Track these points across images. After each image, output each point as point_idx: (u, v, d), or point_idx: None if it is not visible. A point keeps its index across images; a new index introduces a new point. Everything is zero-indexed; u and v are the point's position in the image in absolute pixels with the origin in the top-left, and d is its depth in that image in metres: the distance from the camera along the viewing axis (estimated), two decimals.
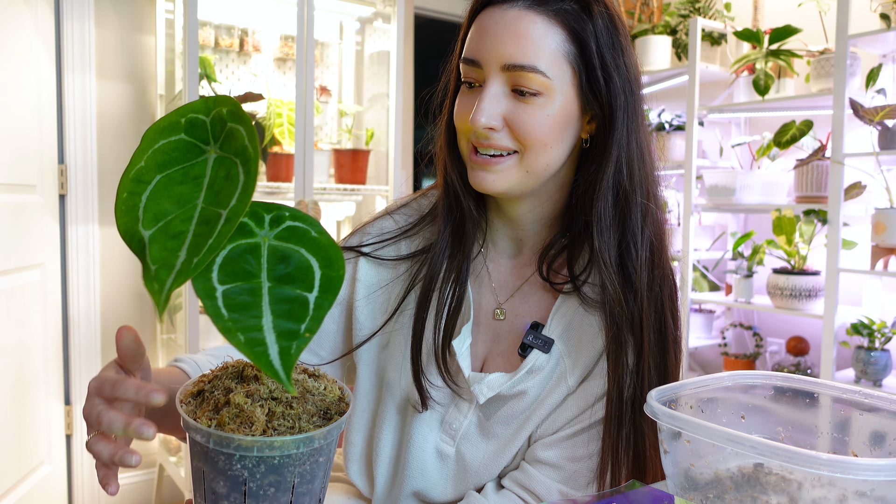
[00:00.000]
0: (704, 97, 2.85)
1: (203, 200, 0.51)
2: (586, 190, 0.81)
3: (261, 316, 0.49)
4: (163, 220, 0.51)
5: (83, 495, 2.32)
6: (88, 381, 2.27)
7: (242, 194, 0.51)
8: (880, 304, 2.36)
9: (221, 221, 0.49)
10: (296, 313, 0.50)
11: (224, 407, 0.56)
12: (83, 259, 2.27)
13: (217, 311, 0.49)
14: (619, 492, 0.68)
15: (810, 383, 0.71)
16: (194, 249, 0.49)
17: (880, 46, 2.25)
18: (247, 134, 0.53)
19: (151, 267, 0.48)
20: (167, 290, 0.47)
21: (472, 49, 0.78)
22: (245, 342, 0.47)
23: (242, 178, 0.51)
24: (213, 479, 0.56)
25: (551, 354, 0.83)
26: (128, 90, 2.36)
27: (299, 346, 0.49)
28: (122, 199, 0.52)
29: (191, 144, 0.54)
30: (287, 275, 0.52)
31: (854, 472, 0.50)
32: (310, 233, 0.55)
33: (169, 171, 0.53)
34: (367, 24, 2.71)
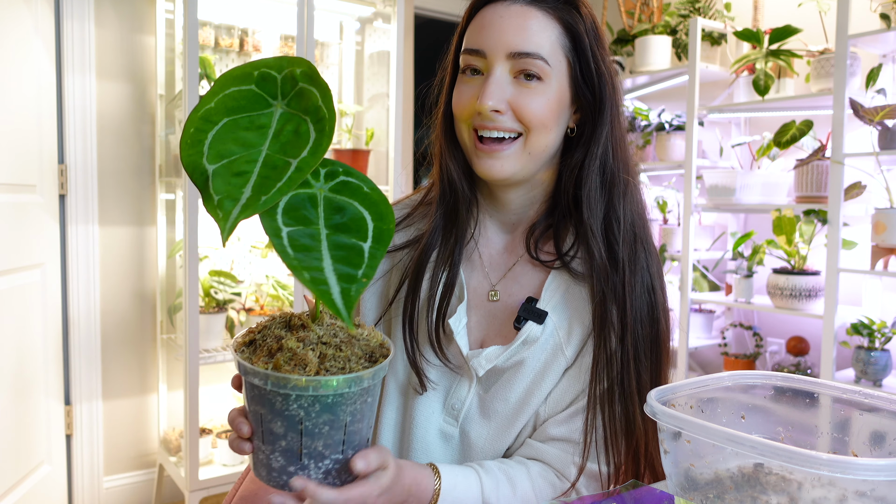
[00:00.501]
0: (704, 97, 2.85)
1: (269, 148, 0.54)
2: (575, 172, 0.89)
3: (321, 259, 0.52)
4: (227, 158, 0.53)
5: (83, 495, 2.32)
6: (89, 380, 2.28)
7: (314, 148, 0.54)
8: (880, 304, 2.36)
9: (291, 169, 0.52)
10: (353, 259, 0.53)
11: (278, 352, 0.61)
12: (83, 259, 2.27)
13: (283, 250, 0.52)
14: (620, 492, 0.68)
15: (810, 383, 0.71)
16: (260, 188, 0.51)
17: (880, 46, 2.25)
18: (321, 96, 0.56)
19: (215, 196, 0.51)
20: (234, 218, 0.50)
21: (476, 40, 0.85)
22: (310, 280, 0.51)
23: (314, 134, 0.54)
24: (271, 420, 0.60)
25: (545, 325, 0.87)
26: (128, 90, 2.36)
27: (358, 290, 0.52)
28: (188, 134, 0.54)
29: (259, 97, 0.57)
30: (343, 224, 0.56)
31: (854, 472, 0.50)
32: (362, 188, 0.59)
33: (236, 117, 0.56)
34: (367, 24, 2.71)
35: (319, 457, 0.61)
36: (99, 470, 2.35)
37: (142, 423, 2.45)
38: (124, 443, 2.42)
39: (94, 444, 2.34)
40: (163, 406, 2.45)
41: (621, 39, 3.01)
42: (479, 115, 0.85)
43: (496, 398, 0.88)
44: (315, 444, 0.61)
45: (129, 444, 2.43)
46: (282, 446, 0.61)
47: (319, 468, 0.62)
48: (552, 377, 0.87)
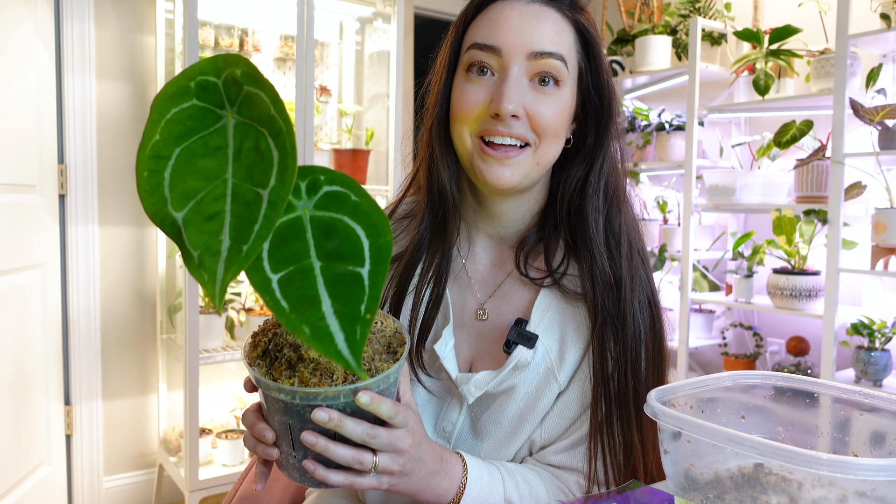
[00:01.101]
0: (704, 97, 2.85)
1: (233, 175, 0.48)
2: (576, 186, 0.85)
3: (319, 301, 0.48)
4: (193, 199, 0.47)
5: (83, 495, 2.32)
6: (89, 380, 2.28)
7: (281, 173, 0.46)
8: (880, 304, 2.36)
9: (264, 205, 0.46)
10: (353, 293, 0.49)
11: (299, 363, 0.59)
12: (83, 259, 2.27)
13: (277, 305, 0.47)
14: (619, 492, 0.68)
15: (810, 383, 0.71)
16: (239, 234, 0.45)
17: (880, 46, 2.25)
18: (270, 101, 0.48)
19: (193, 253, 0.45)
20: (221, 283, 0.44)
21: (491, 35, 0.79)
22: (311, 335, 0.46)
23: (277, 153, 0.47)
24: (302, 429, 0.60)
25: (536, 349, 0.83)
26: (128, 90, 2.36)
27: (363, 331, 0.47)
28: (143, 179, 0.47)
29: (205, 110, 0.50)
30: (335, 250, 0.50)
31: (854, 472, 0.50)
32: (349, 197, 0.53)
33: (187, 143, 0.49)
34: (367, 24, 2.70)
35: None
36: (99, 470, 2.35)
37: (142, 423, 2.45)
38: (124, 443, 2.42)
39: (94, 444, 2.34)
40: (163, 406, 2.45)
41: (621, 39, 3.01)
42: (491, 120, 0.79)
43: (488, 421, 0.84)
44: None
45: (129, 444, 2.43)
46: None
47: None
48: (545, 401, 0.83)
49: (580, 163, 0.86)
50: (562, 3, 0.82)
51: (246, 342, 0.64)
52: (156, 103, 0.49)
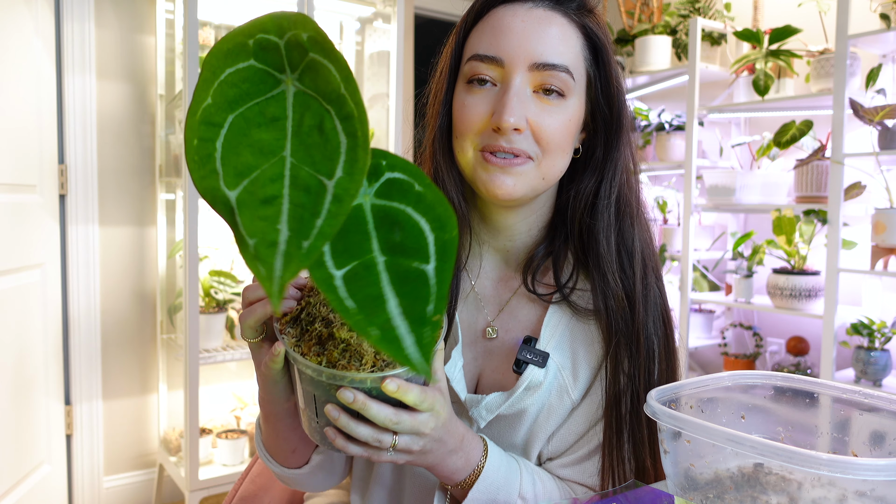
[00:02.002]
0: (704, 97, 2.85)
1: (292, 153, 0.42)
2: (587, 200, 0.81)
3: (385, 301, 0.44)
4: (247, 176, 0.42)
5: (83, 495, 2.32)
6: (89, 380, 2.28)
7: (350, 165, 0.41)
8: (880, 304, 2.36)
9: (328, 198, 0.41)
10: (420, 292, 0.45)
11: (329, 341, 0.57)
12: (83, 259, 2.27)
13: (342, 305, 0.42)
14: (619, 492, 0.68)
15: (810, 383, 0.71)
16: (298, 226, 0.40)
17: (880, 46, 2.25)
18: (341, 77, 0.42)
19: (249, 241, 0.40)
20: (279, 282, 0.39)
21: (492, 45, 0.75)
22: (381, 338, 0.42)
23: (345, 140, 0.42)
24: (326, 401, 0.59)
25: (548, 368, 0.79)
26: (128, 90, 2.36)
27: (432, 333, 0.44)
28: (192, 148, 0.42)
29: (262, 74, 0.44)
30: (400, 244, 0.46)
31: (854, 472, 0.50)
32: (413, 186, 0.48)
33: (242, 109, 0.43)
34: (367, 24, 2.71)
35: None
36: (99, 470, 2.35)
37: (142, 423, 2.45)
38: (124, 443, 2.42)
39: (94, 444, 2.34)
40: (163, 406, 2.45)
41: (621, 39, 3.01)
42: (492, 134, 0.74)
43: (499, 442, 0.82)
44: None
45: (129, 444, 2.43)
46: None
47: None
48: (556, 418, 0.80)
49: (590, 175, 0.82)
50: (568, 7, 0.77)
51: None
52: (209, 61, 0.44)
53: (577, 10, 0.77)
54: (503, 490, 0.72)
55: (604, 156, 0.81)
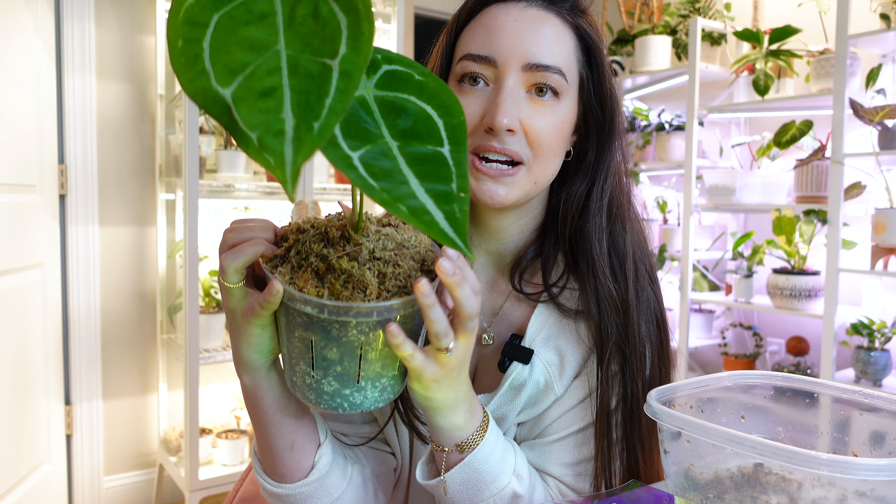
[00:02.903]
0: (704, 97, 2.85)
1: (286, 46, 0.40)
2: (578, 203, 0.80)
3: (406, 180, 0.43)
4: (241, 73, 0.40)
5: (83, 495, 2.32)
6: (89, 380, 2.28)
7: (354, 39, 0.40)
8: (880, 304, 2.36)
9: (335, 76, 0.39)
10: (440, 173, 0.44)
11: (328, 274, 0.54)
12: (83, 259, 2.27)
13: (365, 182, 0.42)
14: (619, 492, 0.68)
15: (810, 383, 0.71)
16: (305, 111, 0.39)
17: (880, 46, 2.25)
18: None
19: (251, 134, 0.38)
20: (292, 166, 0.37)
21: (485, 45, 0.74)
22: (409, 212, 0.42)
23: (345, 18, 0.40)
24: (325, 347, 0.54)
25: (533, 366, 0.78)
26: (128, 90, 2.36)
27: (462, 209, 0.43)
28: (177, 50, 0.40)
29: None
30: (410, 129, 0.45)
31: (854, 472, 0.50)
32: (413, 76, 0.47)
33: (228, 8, 0.41)
34: None
35: (377, 377, 0.57)
36: (99, 470, 2.35)
37: (142, 423, 2.45)
38: (124, 443, 2.42)
39: (94, 444, 2.34)
40: (163, 406, 2.45)
41: (621, 39, 3.01)
42: (484, 134, 0.73)
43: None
44: (374, 367, 0.56)
45: (129, 444, 2.43)
46: (336, 371, 0.56)
47: (376, 387, 0.57)
48: (541, 407, 0.79)
49: (581, 178, 0.80)
50: (561, 7, 0.76)
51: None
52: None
53: (571, 11, 0.77)
54: (499, 463, 0.69)
55: (595, 159, 0.80)
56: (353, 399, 0.57)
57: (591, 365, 0.80)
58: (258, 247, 0.56)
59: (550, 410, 0.79)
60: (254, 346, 0.59)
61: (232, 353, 0.62)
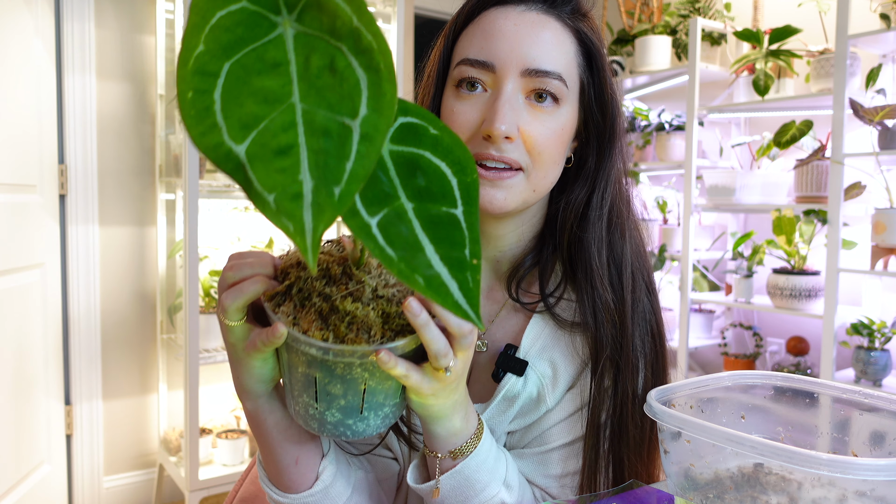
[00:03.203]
0: (704, 97, 2.85)
1: (301, 99, 0.38)
2: (577, 211, 0.79)
3: (422, 247, 0.42)
4: (254, 128, 0.38)
5: (83, 495, 2.32)
6: (89, 380, 2.28)
7: (375, 100, 0.38)
8: (880, 304, 2.36)
9: (355, 137, 0.37)
10: (454, 237, 0.43)
11: (331, 314, 0.53)
12: (83, 259, 2.27)
13: (384, 253, 0.41)
14: (619, 492, 0.68)
15: (810, 383, 0.71)
16: (324, 173, 0.37)
17: (880, 46, 2.25)
18: (352, 9, 0.38)
19: (267, 197, 0.36)
20: (313, 234, 0.36)
21: (483, 49, 0.72)
22: (426, 284, 0.41)
23: (365, 75, 0.38)
24: (329, 383, 0.55)
25: (527, 378, 0.77)
26: (128, 90, 2.36)
27: (474, 277, 0.43)
28: (187, 101, 0.38)
29: (256, 16, 0.40)
30: (425, 189, 0.44)
31: (854, 472, 0.50)
32: (428, 130, 0.46)
33: (239, 56, 0.39)
34: None
35: (380, 406, 0.58)
36: (99, 470, 2.35)
37: (142, 423, 2.45)
38: (124, 443, 2.42)
39: (94, 444, 2.34)
40: (163, 406, 2.45)
41: (621, 39, 3.01)
42: (482, 142, 0.71)
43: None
44: (377, 398, 0.57)
45: (129, 444, 2.43)
46: (340, 404, 0.56)
47: (379, 415, 0.58)
48: (531, 418, 0.78)
49: (581, 186, 0.79)
50: (561, 11, 0.74)
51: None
52: (197, 3, 0.39)
53: (572, 15, 0.75)
54: (491, 471, 0.69)
55: (596, 166, 0.78)
56: (356, 427, 0.58)
57: (585, 379, 0.79)
58: (259, 285, 0.55)
59: (541, 422, 0.79)
60: (255, 377, 0.59)
61: (233, 380, 0.62)
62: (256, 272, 0.56)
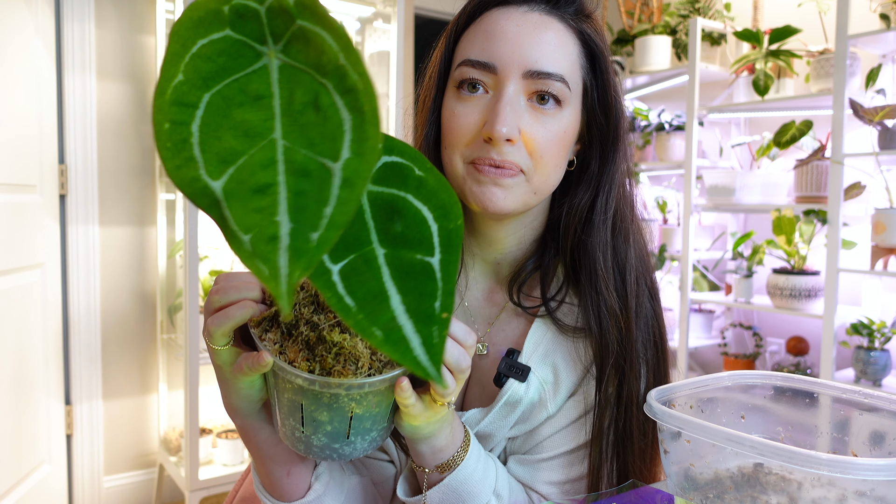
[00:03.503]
0: (704, 97, 2.85)
1: (283, 135, 0.37)
2: (581, 215, 0.78)
3: (388, 297, 0.40)
4: (233, 164, 0.36)
5: (83, 495, 2.32)
6: (89, 380, 2.28)
7: (358, 143, 0.36)
8: (880, 304, 2.36)
9: (335, 182, 0.36)
10: (425, 288, 0.41)
11: (319, 344, 0.53)
12: (83, 259, 2.27)
13: (341, 303, 0.38)
14: (619, 492, 0.68)
15: (810, 383, 0.71)
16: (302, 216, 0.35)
17: (880, 46, 2.25)
18: (339, 46, 0.36)
19: (243, 238, 0.35)
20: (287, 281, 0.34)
21: (484, 51, 0.71)
22: (384, 339, 0.39)
23: (349, 116, 0.36)
24: (316, 410, 0.55)
25: (529, 383, 0.76)
26: (128, 90, 2.36)
27: (441, 333, 0.40)
28: (163, 132, 0.36)
29: (241, 44, 0.38)
30: (401, 235, 0.42)
31: (854, 472, 0.50)
32: (413, 171, 0.44)
33: (219, 87, 0.37)
34: (367, 24, 2.71)
35: (367, 431, 0.58)
36: (99, 470, 2.35)
37: (142, 423, 2.45)
38: (124, 443, 2.42)
39: (95, 443, 2.34)
40: (163, 406, 2.45)
41: (621, 39, 3.01)
42: (483, 145, 0.70)
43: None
44: (364, 424, 0.57)
45: (130, 444, 2.43)
46: (327, 430, 0.56)
47: (366, 439, 0.59)
48: (532, 424, 0.78)
49: (585, 189, 0.78)
50: (564, 12, 0.73)
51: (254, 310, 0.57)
52: (177, 31, 0.37)
53: (575, 15, 0.74)
54: (479, 483, 0.68)
55: (599, 169, 0.78)
56: (342, 451, 0.58)
57: (587, 385, 0.78)
58: (246, 311, 0.54)
59: (542, 428, 0.78)
60: (243, 398, 0.59)
61: (222, 398, 0.62)
62: (243, 296, 0.55)
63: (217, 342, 0.55)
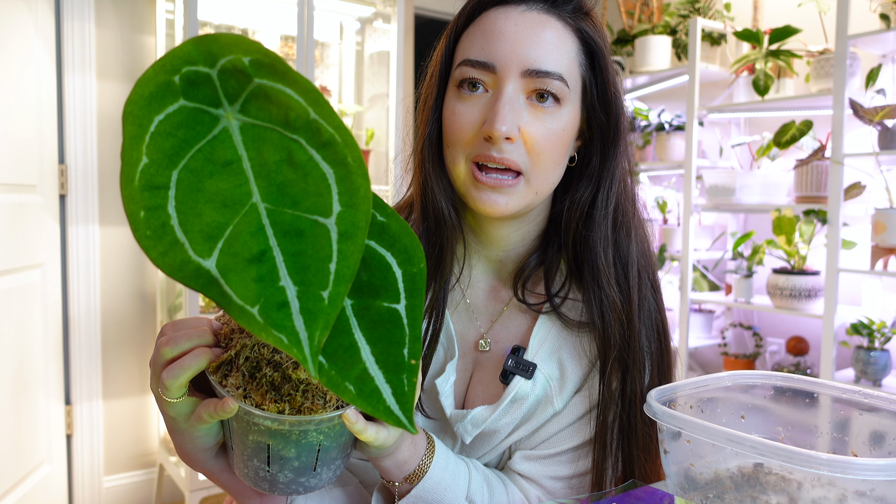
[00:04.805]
0: (704, 97, 2.85)
1: (263, 198, 0.36)
2: (582, 211, 0.78)
3: (358, 349, 0.40)
4: (220, 237, 0.35)
5: (83, 495, 2.32)
6: (89, 380, 2.28)
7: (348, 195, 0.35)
8: (880, 304, 2.36)
9: (334, 236, 0.35)
10: (393, 336, 0.41)
11: (284, 383, 0.52)
12: (83, 259, 2.27)
13: (315, 363, 0.37)
14: (619, 492, 0.68)
15: (810, 383, 0.71)
16: (305, 276, 0.34)
17: (880, 46, 2.25)
18: (308, 101, 0.35)
19: (251, 311, 0.34)
20: (310, 345, 0.33)
21: (483, 50, 0.72)
22: (357, 393, 0.38)
23: (330, 170, 0.36)
24: (284, 448, 0.54)
25: (535, 380, 0.76)
26: (128, 90, 2.36)
27: (410, 381, 0.40)
28: (140, 222, 0.34)
29: (196, 112, 0.36)
30: (367, 284, 0.42)
31: (854, 472, 0.50)
32: (374, 217, 0.43)
33: (186, 161, 0.36)
34: (367, 24, 2.71)
35: (332, 461, 0.58)
36: (99, 470, 2.35)
37: (142, 422, 2.45)
38: (124, 443, 2.42)
39: (95, 443, 2.34)
40: None
41: (621, 39, 3.01)
42: (483, 143, 0.71)
43: (484, 457, 0.80)
44: (330, 454, 0.57)
45: (130, 444, 2.43)
46: (294, 466, 0.56)
47: (331, 468, 0.59)
48: (537, 422, 0.78)
49: (585, 185, 0.78)
50: (563, 10, 0.73)
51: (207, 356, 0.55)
52: (131, 112, 0.35)
53: (573, 13, 0.74)
54: (449, 489, 0.68)
55: (600, 165, 0.78)
56: (308, 484, 0.57)
57: (593, 380, 0.79)
58: (202, 359, 0.52)
59: (548, 425, 0.78)
60: (199, 446, 0.57)
61: (174, 447, 0.60)
62: (196, 343, 0.54)
63: (173, 395, 0.53)
